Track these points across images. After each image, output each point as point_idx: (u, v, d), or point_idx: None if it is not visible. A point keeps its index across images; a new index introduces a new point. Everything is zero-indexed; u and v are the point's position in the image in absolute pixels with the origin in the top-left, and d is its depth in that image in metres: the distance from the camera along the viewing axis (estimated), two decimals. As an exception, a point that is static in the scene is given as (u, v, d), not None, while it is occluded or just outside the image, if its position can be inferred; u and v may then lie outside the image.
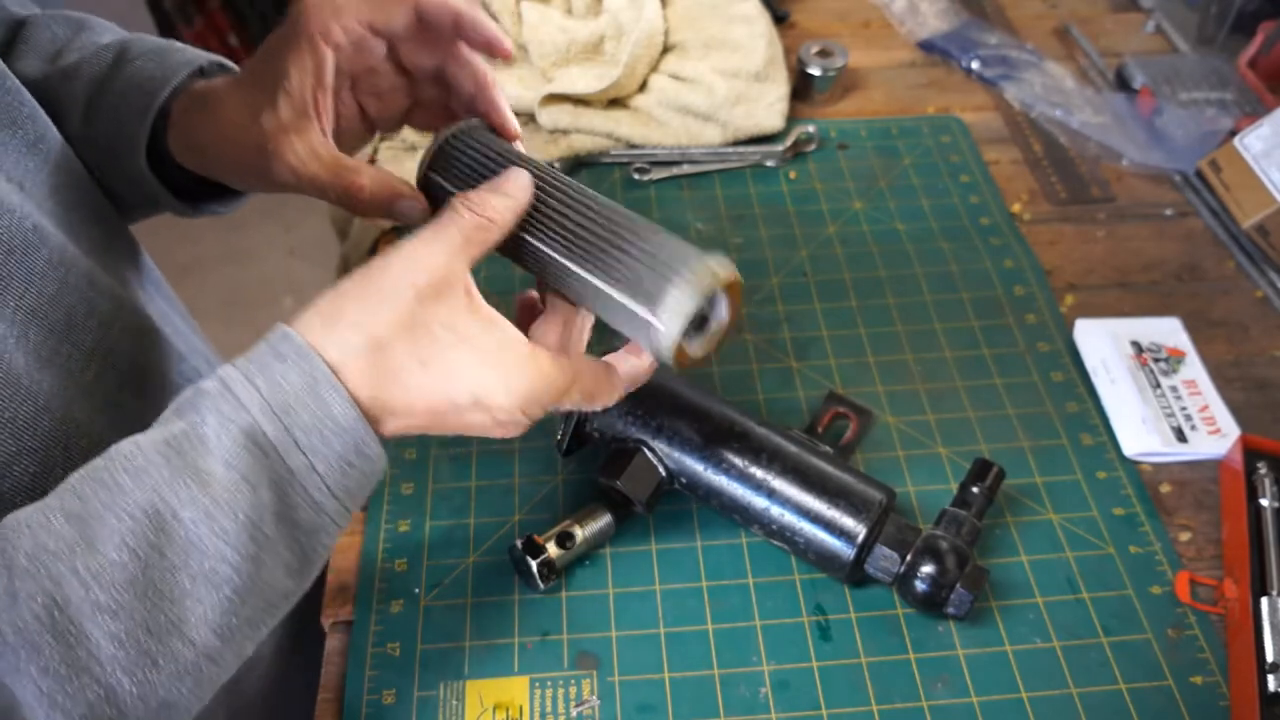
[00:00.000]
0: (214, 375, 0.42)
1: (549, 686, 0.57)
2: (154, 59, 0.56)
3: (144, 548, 0.38)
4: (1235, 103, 0.91)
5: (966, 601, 0.56)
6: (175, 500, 0.39)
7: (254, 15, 2.38)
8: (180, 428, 0.40)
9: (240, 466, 0.40)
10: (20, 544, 0.37)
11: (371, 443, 0.43)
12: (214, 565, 0.39)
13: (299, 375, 0.41)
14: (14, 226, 0.44)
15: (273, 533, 0.41)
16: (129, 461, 0.40)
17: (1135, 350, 0.72)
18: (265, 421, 0.40)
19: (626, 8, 0.91)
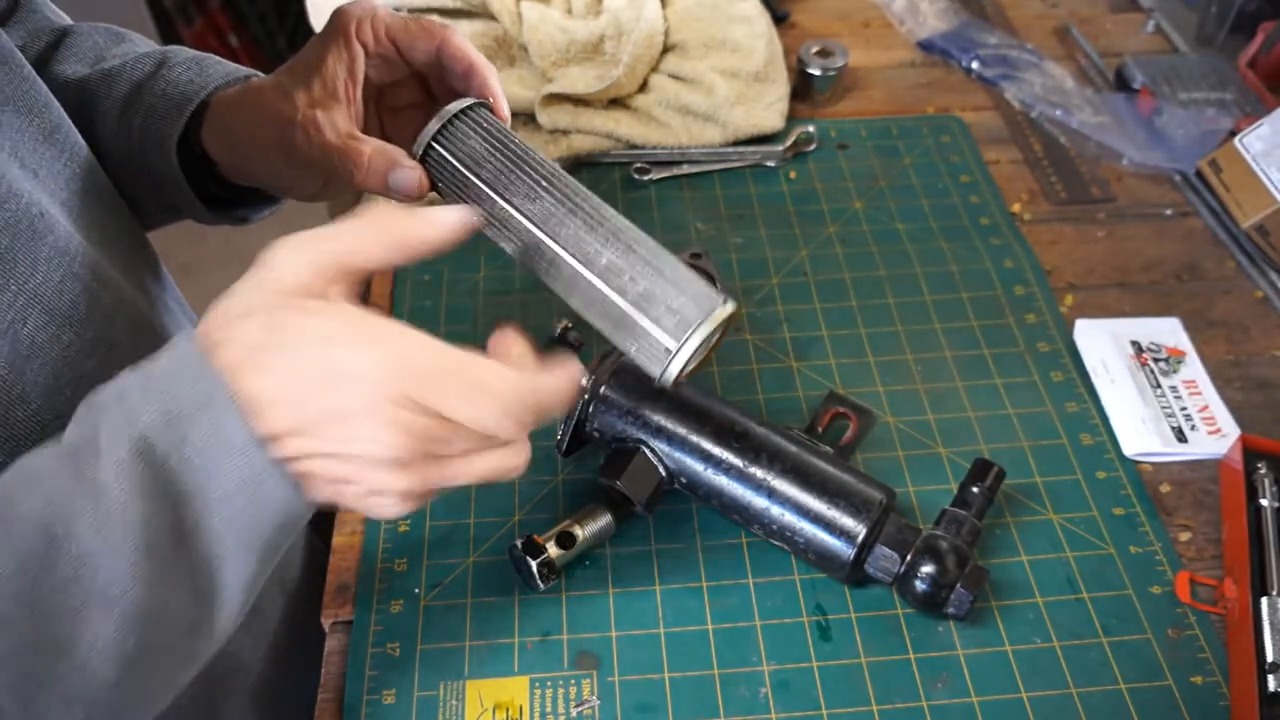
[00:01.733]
0: (112, 383, 0.40)
1: (549, 686, 0.57)
2: (194, 67, 0.58)
3: (32, 560, 0.36)
4: (1235, 103, 0.91)
5: (966, 601, 0.56)
6: (68, 509, 0.37)
7: (254, 15, 2.38)
8: (74, 438, 0.39)
9: (131, 477, 0.37)
10: None
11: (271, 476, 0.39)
12: (105, 582, 0.37)
13: (193, 389, 0.38)
14: (21, 211, 0.44)
15: (169, 555, 0.38)
16: (19, 471, 0.38)
17: (1135, 350, 0.72)
18: (158, 433, 0.38)
19: (626, 8, 0.91)
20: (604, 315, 0.49)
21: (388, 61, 0.56)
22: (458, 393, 0.40)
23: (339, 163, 0.52)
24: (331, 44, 0.54)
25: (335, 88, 0.53)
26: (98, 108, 0.58)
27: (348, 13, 0.54)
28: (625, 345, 0.50)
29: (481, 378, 0.41)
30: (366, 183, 0.52)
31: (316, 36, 0.55)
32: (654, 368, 0.49)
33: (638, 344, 0.49)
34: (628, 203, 0.85)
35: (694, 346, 0.47)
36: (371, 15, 0.54)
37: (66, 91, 0.58)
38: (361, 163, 0.51)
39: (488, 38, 0.94)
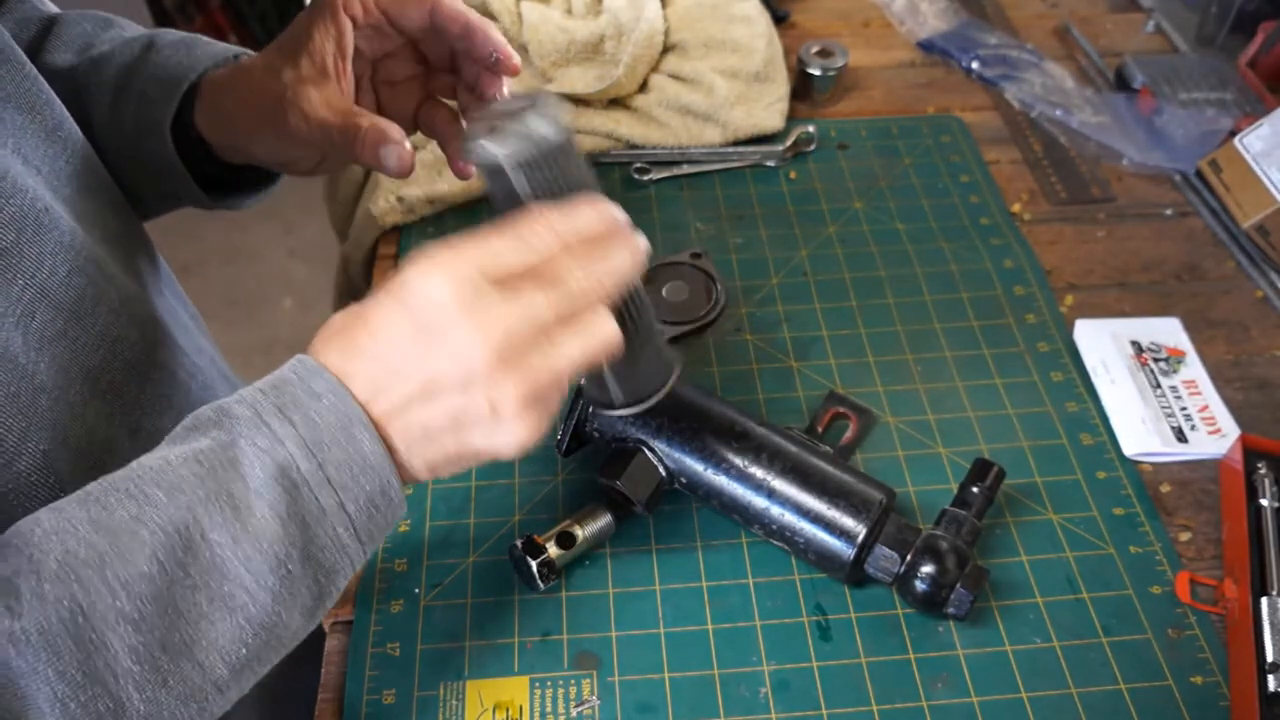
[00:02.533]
0: (241, 399, 0.42)
1: (549, 686, 0.57)
2: (182, 49, 0.58)
3: (171, 562, 0.38)
4: (1235, 103, 0.91)
5: (966, 601, 0.56)
6: (207, 520, 0.39)
7: (254, 15, 2.38)
8: (209, 446, 0.40)
9: (271, 498, 0.40)
10: (50, 549, 0.38)
11: (395, 484, 0.43)
12: (233, 590, 0.39)
13: (333, 414, 0.41)
14: (26, 207, 0.44)
15: (296, 570, 0.41)
16: (160, 475, 0.40)
17: (1135, 350, 0.72)
18: (300, 458, 0.40)
19: (626, 8, 0.91)
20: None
21: (379, 32, 0.55)
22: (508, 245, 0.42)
23: (337, 138, 0.52)
24: (318, 18, 0.53)
25: (324, 63, 0.53)
26: (90, 96, 0.58)
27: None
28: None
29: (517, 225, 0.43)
30: (362, 157, 0.52)
31: (304, 11, 0.55)
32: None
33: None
34: (628, 203, 0.85)
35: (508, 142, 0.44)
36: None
37: (58, 81, 0.58)
38: (360, 136, 0.52)
39: (488, 38, 0.95)
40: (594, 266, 0.44)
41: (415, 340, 0.41)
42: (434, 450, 0.43)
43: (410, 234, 0.83)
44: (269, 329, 2.08)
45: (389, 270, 0.80)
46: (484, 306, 0.41)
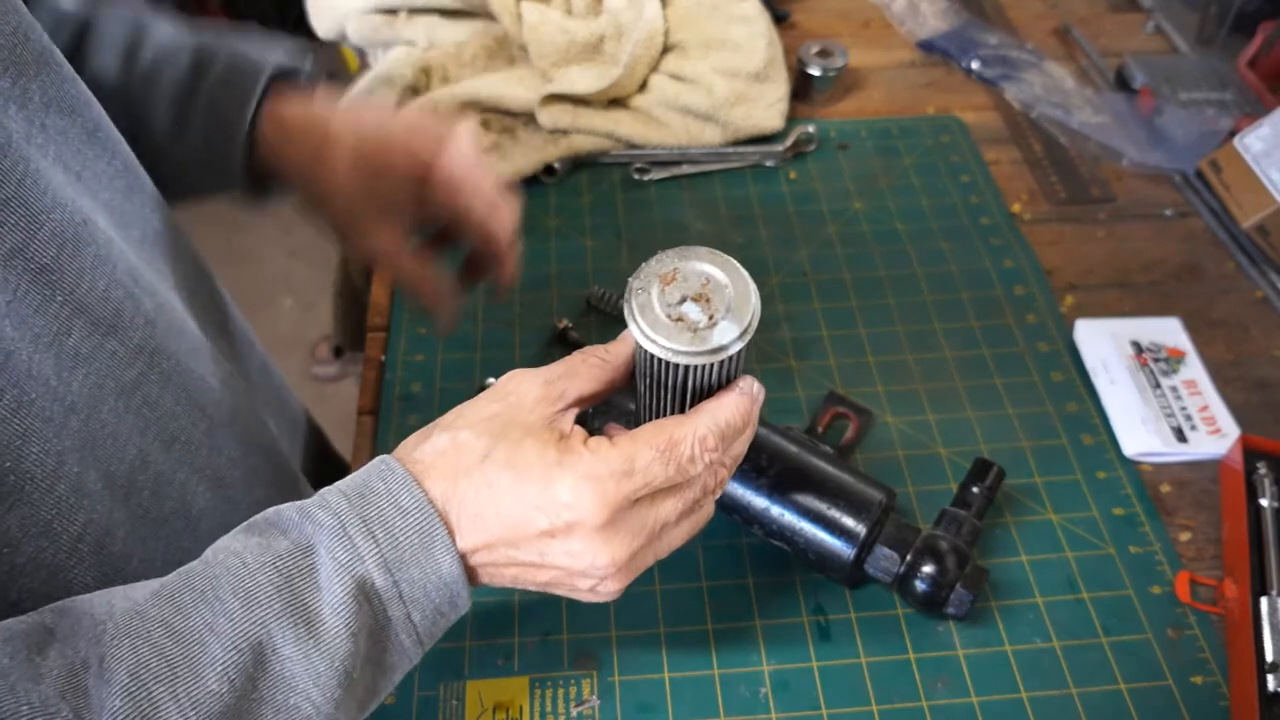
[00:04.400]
0: (324, 505, 0.42)
1: (549, 686, 0.57)
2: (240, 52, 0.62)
3: (242, 679, 0.38)
4: (1235, 103, 0.91)
5: (966, 601, 0.56)
6: (280, 636, 0.39)
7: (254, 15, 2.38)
8: (287, 549, 0.40)
9: (346, 615, 0.40)
10: (122, 657, 0.37)
11: (464, 594, 0.43)
12: (299, 703, 0.39)
13: (417, 533, 0.41)
14: (65, 221, 0.43)
15: (359, 676, 0.41)
16: (237, 581, 0.39)
17: (1135, 350, 0.72)
18: (378, 575, 0.41)
19: (626, 8, 0.91)
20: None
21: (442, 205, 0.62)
22: (662, 471, 0.43)
23: (407, 286, 0.62)
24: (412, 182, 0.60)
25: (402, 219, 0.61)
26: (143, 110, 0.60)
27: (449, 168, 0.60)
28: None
29: (675, 442, 0.43)
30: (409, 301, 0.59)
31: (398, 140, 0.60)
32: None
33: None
34: (628, 203, 0.85)
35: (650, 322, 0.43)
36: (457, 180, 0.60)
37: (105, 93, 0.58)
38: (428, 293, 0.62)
39: (488, 37, 0.95)
40: (725, 468, 0.46)
41: (541, 535, 0.43)
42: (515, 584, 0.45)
43: (410, 234, 0.83)
44: (269, 329, 2.08)
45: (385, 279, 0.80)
46: (621, 528, 0.43)
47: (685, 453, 0.43)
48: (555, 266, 0.80)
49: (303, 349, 2.06)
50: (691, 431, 0.43)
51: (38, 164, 0.43)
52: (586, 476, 0.42)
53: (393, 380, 0.72)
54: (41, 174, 0.43)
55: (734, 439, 0.45)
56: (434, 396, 0.71)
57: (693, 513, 0.46)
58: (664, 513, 0.44)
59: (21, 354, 0.41)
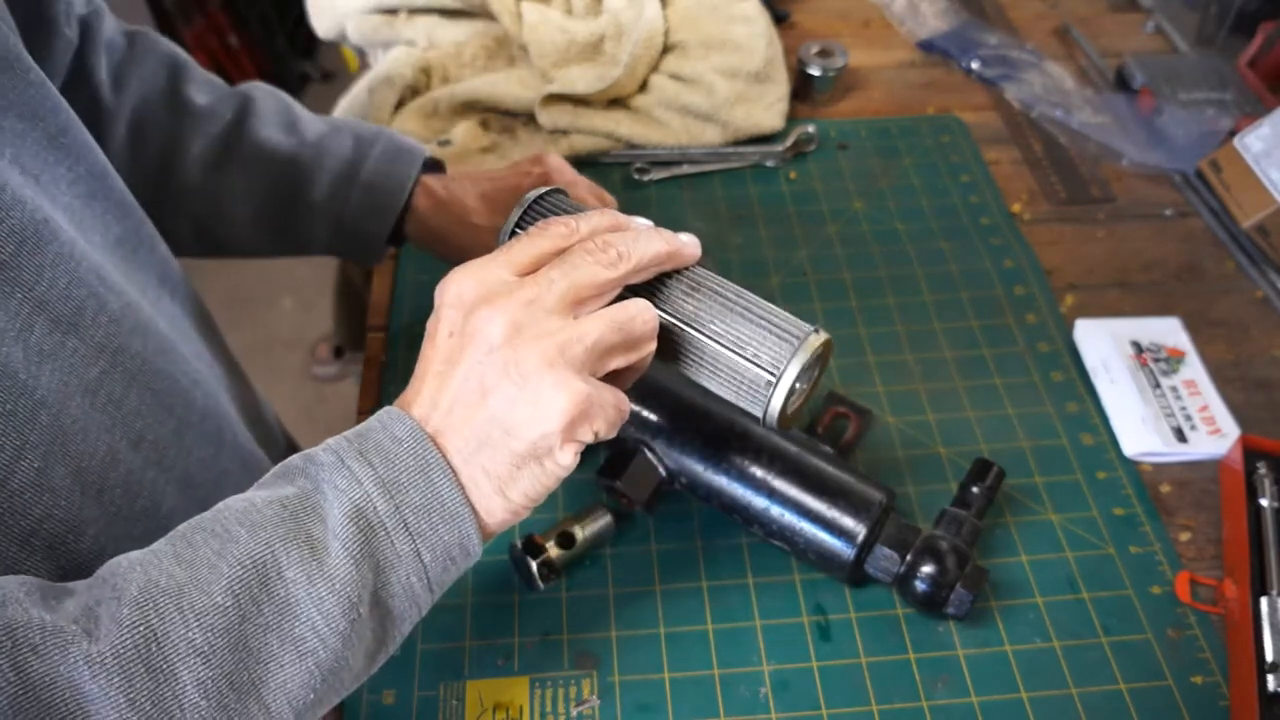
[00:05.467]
0: (327, 446, 0.43)
1: (549, 686, 0.57)
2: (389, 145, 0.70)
3: (246, 598, 0.39)
4: (1235, 103, 0.91)
5: (966, 601, 0.56)
6: (284, 557, 0.40)
7: (254, 15, 2.38)
8: (293, 492, 0.41)
9: (345, 537, 0.40)
10: (133, 578, 0.38)
11: (472, 534, 0.43)
12: (304, 633, 0.39)
13: (412, 456, 0.42)
14: (25, 219, 0.44)
15: (365, 614, 0.41)
16: (244, 515, 0.40)
17: (1135, 350, 0.72)
18: (378, 498, 0.41)
19: (626, 8, 0.91)
20: (702, 365, 0.49)
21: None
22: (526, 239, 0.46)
23: None
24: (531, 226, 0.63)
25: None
26: (309, 176, 0.68)
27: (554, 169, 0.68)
28: (728, 392, 0.49)
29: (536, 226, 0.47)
30: None
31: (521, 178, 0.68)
32: (757, 407, 0.48)
33: (739, 387, 0.48)
34: (628, 203, 0.85)
35: (791, 379, 0.47)
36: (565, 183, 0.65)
37: (275, 158, 0.68)
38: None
39: (488, 38, 0.95)
40: (610, 240, 0.46)
41: (449, 337, 0.44)
42: (491, 457, 0.43)
43: (410, 234, 0.83)
44: (269, 329, 2.08)
45: (389, 270, 0.80)
46: (504, 290, 0.43)
47: (541, 224, 0.47)
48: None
49: (303, 349, 2.06)
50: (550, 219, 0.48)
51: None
52: (461, 268, 0.45)
53: (393, 380, 0.72)
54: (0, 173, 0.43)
55: (600, 225, 0.47)
56: (434, 396, 0.71)
57: (599, 300, 0.45)
58: (548, 278, 0.44)
59: None
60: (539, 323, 0.43)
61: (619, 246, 0.46)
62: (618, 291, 0.46)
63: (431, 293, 0.79)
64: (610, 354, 0.45)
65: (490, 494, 0.43)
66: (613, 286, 0.46)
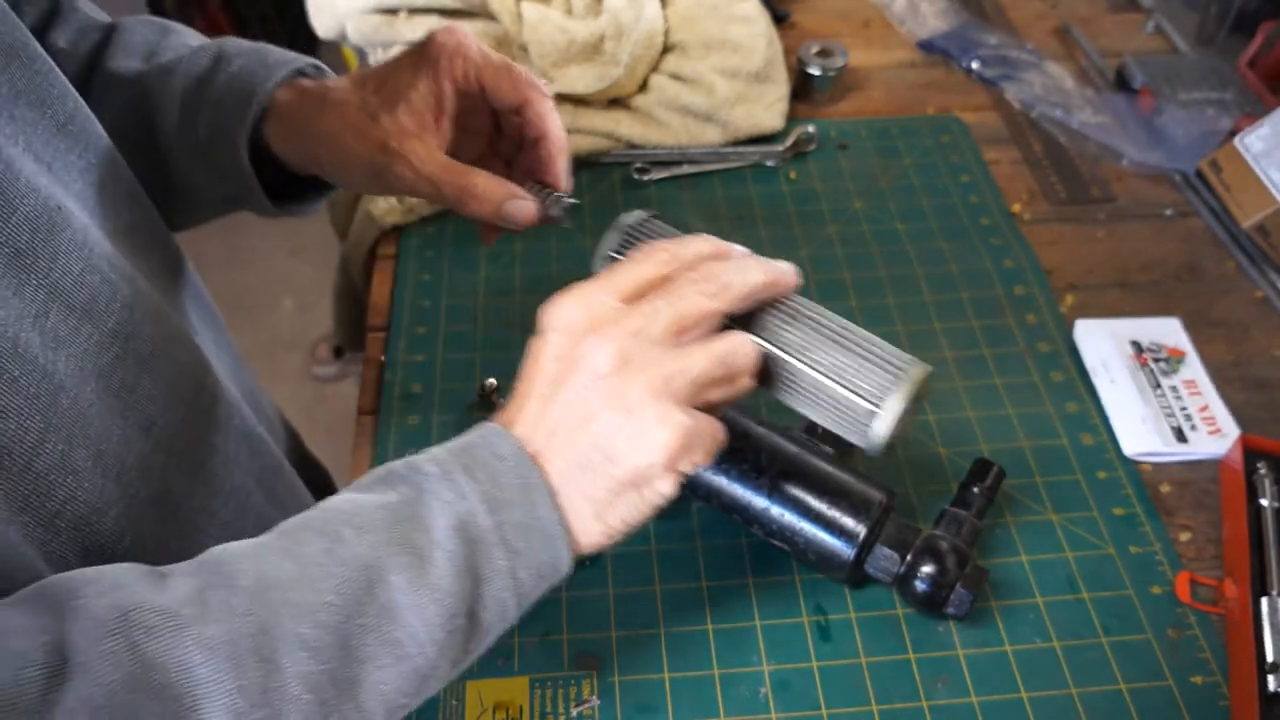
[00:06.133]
0: (431, 458, 0.44)
1: (549, 686, 0.57)
2: (253, 58, 0.59)
3: (352, 599, 0.40)
4: (1235, 103, 0.91)
5: (966, 601, 0.56)
6: (390, 562, 0.40)
7: (254, 15, 2.38)
8: (396, 500, 0.42)
9: (450, 549, 0.41)
10: (244, 568, 0.40)
11: (564, 555, 0.44)
12: (402, 638, 0.40)
13: (515, 476, 0.43)
14: (39, 206, 0.44)
15: (461, 624, 0.42)
16: (351, 517, 0.42)
17: (1135, 350, 0.72)
18: (482, 513, 0.42)
19: (626, 8, 0.91)
20: (803, 394, 0.49)
21: (469, 97, 0.57)
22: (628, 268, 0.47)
23: (448, 193, 0.54)
24: (423, 72, 0.55)
25: (426, 119, 0.55)
26: (157, 103, 0.60)
27: (440, 44, 0.55)
28: (829, 422, 0.50)
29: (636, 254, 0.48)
30: (479, 211, 0.55)
31: (403, 59, 0.56)
32: (858, 437, 0.49)
33: (842, 417, 0.49)
34: (628, 203, 0.85)
35: (895, 411, 0.47)
36: (464, 52, 0.55)
37: (122, 87, 0.60)
38: (476, 193, 0.54)
39: (488, 38, 0.95)
40: (713, 271, 0.46)
41: (555, 361, 0.45)
42: (592, 482, 0.44)
43: (410, 234, 0.83)
44: (269, 329, 2.08)
45: (389, 270, 0.80)
46: (610, 318, 0.44)
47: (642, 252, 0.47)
48: (555, 266, 0.80)
49: (303, 349, 2.06)
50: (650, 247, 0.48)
51: (8, 152, 0.44)
52: (565, 294, 0.46)
53: (393, 380, 0.72)
54: (13, 161, 0.44)
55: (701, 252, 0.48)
56: (434, 396, 0.71)
57: (701, 331, 0.46)
58: (654, 308, 0.45)
59: (7, 332, 0.41)
60: (645, 353, 0.44)
61: (722, 277, 0.46)
62: (720, 321, 0.47)
63: (432, 293, 0.80)
64: (711, 386, 0.45)
65: (588, 517, 0.44)
66: (716, 317, 0.46)
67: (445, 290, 0.78)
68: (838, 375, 0.48)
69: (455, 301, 0.77)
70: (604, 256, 0.53)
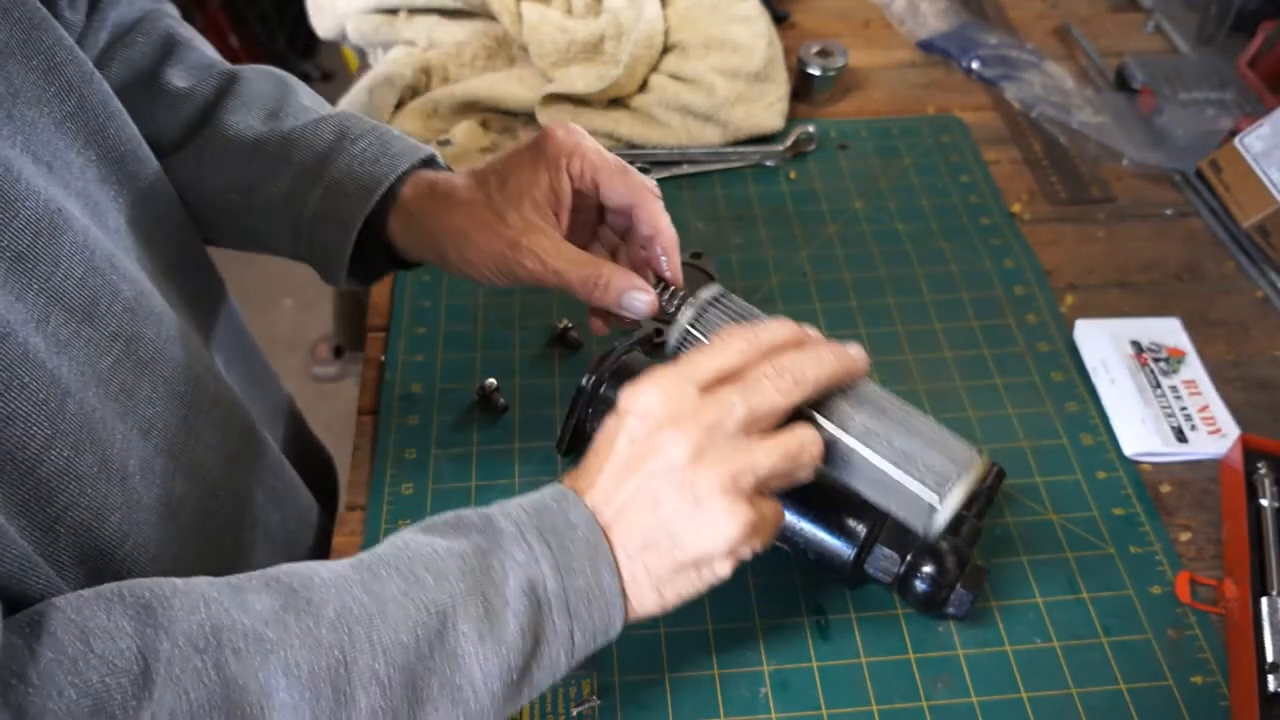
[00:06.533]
0: (506, 515, 0.46)
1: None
2: (376, 143, 0.61)
3: (424, 641, 0.42)
4: (1235, 103, 0.91)
5: (966, 601, 0.56)
6: (463, 612, 0.42)
7: (254, 15, 2.38)
8: (470, 549, 0.44)
9: (517, 609, 0.43)
10: (328, 599, 0.41)
11: (618, 622, 0.46)
12: (462, 684, 0.42)
13: (585, 545, 0.45)
14: (40, 209, 0.44)
15: (516, 679, 0.44)
16: (429, 561, 0.43)
17: (1135, 350, 0.72)
18: (550, 578, 0.44)
19: (626, 8, 0.91)
20: (866, 478, 0.50)
21: (583, 195, 0.59)
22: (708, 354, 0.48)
23: (575, 282, 0.56)
24: (544, 170, 0.57)
25: (549, 215, 0.57)
26: (273, 169, 0.61)
27: (560, 143, 0.57)
28: (889, 505, 0.50)
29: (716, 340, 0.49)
30: (604, 300, 0.57)
31: (523, 155, 0.58)
32: (918, 524, 0.49)
33: (902, 503, 0.49)
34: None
35: (956, 500, 0.48)
36: (581, 152, 0.57)
37: (239, 145, 0.61)
38: (603, 284, 0.56)
39: (488, 38, 0.95)
40: (786, 365, 0.47)
41: (631, 445, 0.46)
42: (655, 559, 0.46)
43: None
44: (269, 329, 2.08)
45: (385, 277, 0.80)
46: (690, 412, 0.46)
47: (722, 338, 0.49)
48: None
49: (303, 349, 2.06)
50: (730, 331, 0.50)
51: (7, 154, 0.43)
52: (647, 379, 0.47)
53: (393, 380, 0.72)
54: (12, 163, 0.43)
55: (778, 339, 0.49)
56: (434, 396, 0.71)
57: (771, 424, 0.47)
58: (729, 400, 0.46)
59: (17, 337, 0.41)
60: (718, 447, 0.45)
61: (794, 371, 0.47)
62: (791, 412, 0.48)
63: (432, 293, 0.80)
64: (777, 479, 0.47)
65: (646, 589, 0.46)
66: (787, 411, 0.48)
67: (445, 290, 0.78)
68: (902, 464, 0.49)
69: (455, 301, 0.77)
70: (681, 330, 0.55)
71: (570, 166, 0.57)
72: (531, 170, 0.57)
